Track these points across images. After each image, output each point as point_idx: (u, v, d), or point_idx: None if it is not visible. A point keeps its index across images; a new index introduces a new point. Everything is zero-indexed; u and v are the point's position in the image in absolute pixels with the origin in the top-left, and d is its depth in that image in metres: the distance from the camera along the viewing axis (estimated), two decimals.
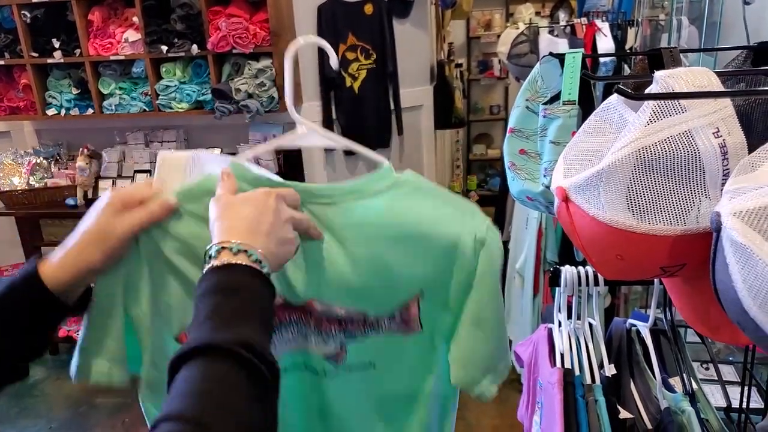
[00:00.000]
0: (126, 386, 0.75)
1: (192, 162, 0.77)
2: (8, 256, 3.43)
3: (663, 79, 0.57)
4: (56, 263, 0.66)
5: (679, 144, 0.55)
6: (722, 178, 0.55)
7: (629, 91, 0.53)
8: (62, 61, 2.89)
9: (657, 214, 0.56)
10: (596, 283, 1.00)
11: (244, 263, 0.57)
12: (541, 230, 2.28)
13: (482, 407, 2.67)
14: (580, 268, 1.02)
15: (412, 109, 3.43)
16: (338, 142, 0.75)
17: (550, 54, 0.93)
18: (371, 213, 0.71)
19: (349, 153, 3.26)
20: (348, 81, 3.14)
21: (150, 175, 3.08)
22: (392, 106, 3.30)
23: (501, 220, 2.88)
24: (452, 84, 3.93)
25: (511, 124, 0.99)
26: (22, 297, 0.64)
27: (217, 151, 3.16)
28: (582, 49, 0.89)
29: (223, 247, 0.58)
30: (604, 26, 2.05)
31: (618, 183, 0.58)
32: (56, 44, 2.87)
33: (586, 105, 0.90)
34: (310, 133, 0.74)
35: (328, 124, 3.15)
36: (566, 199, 0.62)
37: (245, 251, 0.58)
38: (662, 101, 0.56)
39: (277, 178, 0.75)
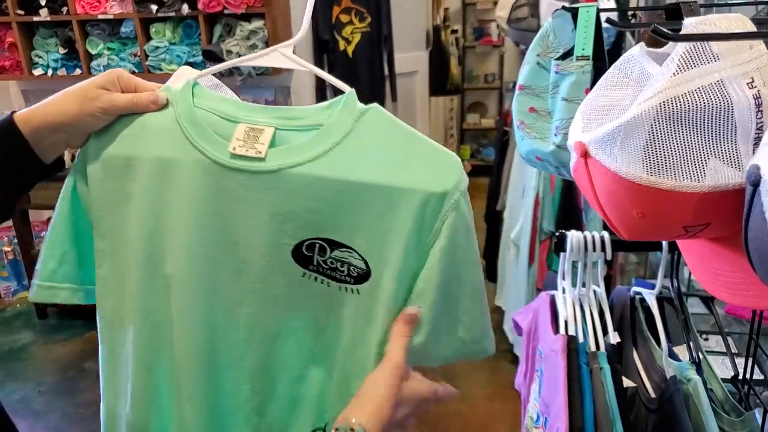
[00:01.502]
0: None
1: (204, 80, 0.75)
2: None
3: (694, 26, 0.53)
4: (32, 108, 0.67)
5: (710, 95, 0.51)
6: (755, 131, 0.51)
7: (666, 30, 0.49)
8: (48, 19, 2.79)
9: (683, 170, 0.53)
10: (602, 249, 0.98)
11: None
12: (538, 199, 2.25)
13: (474, 378, 2.68)
14: (587, 233, 0.99)
15: (407, 75, 3.37)
16: (300, 64, 0.70)
17: (563, 8, 0.89)
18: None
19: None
20: (342, 44, 3.06)
21: None
22: (386, 72, 3.24)
23: (496, 189, 2.85)
24: (448, 50, 3.86)
25: (520, 81, 0.95)
26: None
27: None
28: (597, 3, 0.85)
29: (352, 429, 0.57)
30: None
31: (642, 136, 0.54)
32: (42, 2, 2.76)
33: (598, 61, 0.86)
34: (274, 55, 0.70)
35: (320, 88, 3.08)
36: (585, 155, 0.59)
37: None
38: (692, 49, 0.53)
39: (239, 101, 0.72)
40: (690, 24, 0.54)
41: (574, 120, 0.63)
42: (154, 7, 2.69)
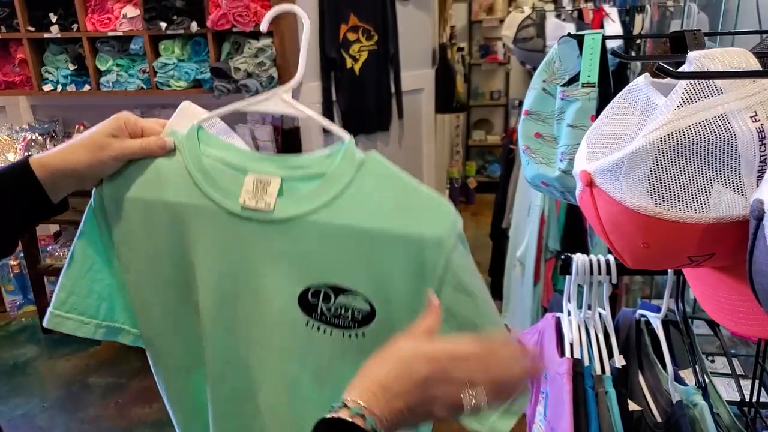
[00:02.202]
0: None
1: (211, 123, 0.78)
2: None
3: (698, 60, 0.54)
4: (46, 154, 0.70)
5: (714, 128, 0.52)
6: (759, 164, 0.52)
7: (671, 69, 0.50)
8: (59, 35, 2.83)
9: (688, 201, 0.54)
10: (608, 272, 0.98)
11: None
12: (544, 218, 2.26)
13: None
14: (592, 256, 0.99)
15: (413, 93, 3.39)
16: (299, 110, 0.73)
17: (569, 34, 0.90)
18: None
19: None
20: (349, 62, 3.09)
21: None
22: (393, 89, 3.26)
23: (502, 207, 2.86)
24: (454, 68, 3.88)
25: (526, 106, 0.96)
26: (10, 178, 0.69)
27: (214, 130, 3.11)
28: (602, 31, 0.86)
29: (345, 405, 0.52)
30: (613, 11, 2.02)
31: (647, 167, 0.55)
32: (53, 18, 2.80)
33: (604, 88, 0.87)
34: (274, 99, 0.73)
35: (327, 105, 3.11)
36: (590, 184, 0.60)
37: (363, 416, 0.52)
38: (696, 83, 0.54)
39: (246, 148, 0.76)
40: (693, 58, 0.55)
41: (580, 148, 0.64)
42: (163, 25, 2.72)
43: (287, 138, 3.06)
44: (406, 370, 0.55)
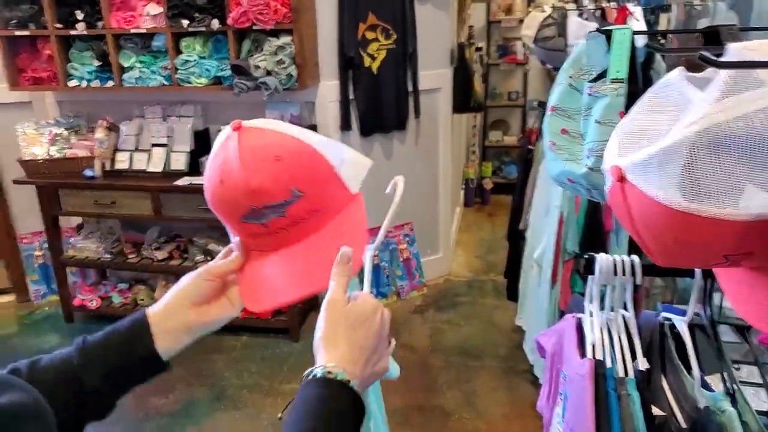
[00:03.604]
0: None
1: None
2: (28, 224, 3.46)
3: (738, 51, 0.53)
4: (162, 312, 0.73)
5: (755, 121, 0.51)
6: None
7: (714, 58, 0.49)
8: (85, 32, 2.87)
9: (726, 197, 0.52)
10: (632, 273, 0.96)
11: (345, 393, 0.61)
12: (562, 219, 2.23)
13: (493, 396, 2.65)
14: (615, 256, 0.97)
15: (431, 92, 3.38)
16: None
17: (597, 30, 0.88)
18: None
19: (364, 134, 3.22)
20: (367, 61, 3.09)
21: (167, 148, 3.06)
22: (410, 88, 3.25)
23: (519, 207, 2.83)
24: (472, 67, 3.86)
25: (551, 102, 0.95)
26: (126, 330, 0.71)
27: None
28: (631, 26, 0.84)
29: (329, 372, 0.61)
30: (637, 10, 1.98)
31: (684, 162, 0.53)
32: (79, 16, 2.84)
33: (631, 84, 0.85)
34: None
35: (345, 104, 3.11)
36: (622, 179, 0.58)
37: (348, 381, 0.61)
38: (736, 75, 0.52)
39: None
40: (734, 50, 0.53)
41: (610, 143, 0.63)
42: (185, 22, 2.75)
43: None
44: (368, 330, 0.65)
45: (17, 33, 2.92)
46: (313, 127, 3.09)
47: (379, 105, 3.19)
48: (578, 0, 3.27)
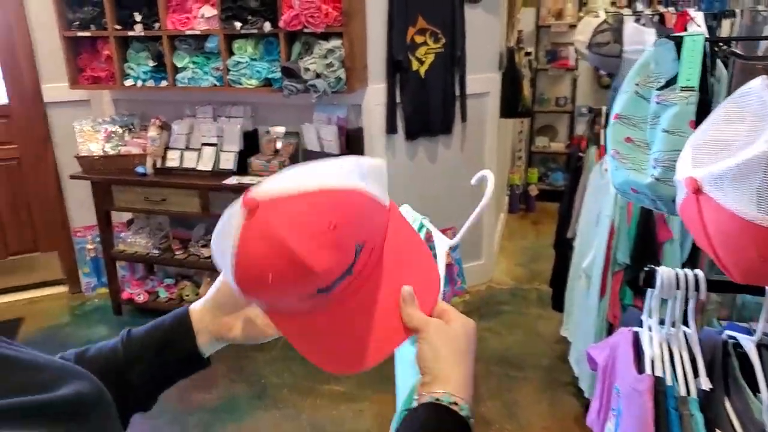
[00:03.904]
0: None
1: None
2: (82, 218, 3.58)
3: None
4: (206, 310, 0.73)
5: None
6: None
7: None
8: (142, 34, 2.96)
9: None
10: (696, 288, 0.93)
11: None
12: (614, 229, 2.17)
13: (535, 408, 2.60)
14: (678, 269, 0.94)
15: (478, 96, 3.35)
16: None
17: (667, 36, 0.85)
18: None
19: (409, 137, 3.21)
20: (415, 65, 3.09)
21: (216, 147, 3.13)
22: (458, 92, 3.23)
23: (567, 216, 2.77)
24: (521, 72, 3.81)
25: (616, 110, 0.92)
26: (169, 326, 0.72)
27: (282, 129, 3.18)
28: (704, 33, 0.81)
29: (455, 403, 0.58)
30: (698, 16, 1.92)
31: (763, 176, 0.51)
32: (138, 18, 2.94)
33: (701, 93, 0.82)
34: None
35: (391, 107, 3.11)
36: (698, 191, 0.56)
37: (469, 417, 0.59)
38: None
39: None
40: None
41: (683, 154, 0.61)
42: (238, 24, 2.80)
43: (351, 138, 3.09)
44: (458, 349, 0.62)
45: (79, 34, 3.04)
46: (360, 131, 3.11)
47: (425, 109, 3.18)
48: (633, 5, 3.19)
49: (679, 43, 0.84)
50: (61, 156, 3.50)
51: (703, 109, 0.62)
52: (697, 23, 1.95)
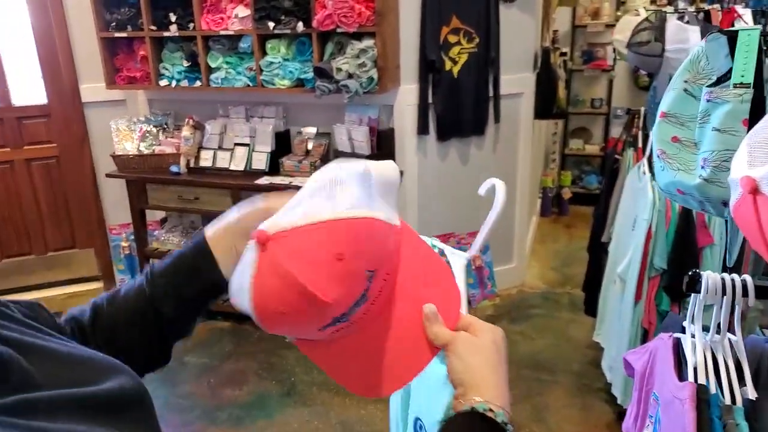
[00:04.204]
0: None
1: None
2: (117, 216, 3.66)
3: None
4: (219, 227, 0.74)
5: None
6: None
7: None
8: (177, 34, 3.01)
9: None
10: (744, 294, 0.89)
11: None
12: (651, 233, 2.11)
13: (565, 413, 2.55)
14: (725, 274, 0.90)
15: (512, 97, 3.31)
16: None
17: (720, 31, 0.82)
18: None
19: (441, 138, 3.19)
20: (448, 64, 3.06)
21: (249, 148, 3.16)
22: (491, 93, 3.20)
23: (602, 219, 2.71)
24: (557, 72, 3.75)
25: (663, 108, 0.88)
26: (191, 257, 0.72)
27: (313, 129, 3.19)
28: (760, 27, 0.77)
29: (490, 410, 0.59)
30: (746, 13, 1.85)
31: None
32: (173, 18, 2.99)
33: (755, 90, 0.78)
34: None
35: (423, 107, 3.09)
36: (755, 191, 0.53)
37: (506, 423, 0.59)
38: None
39: None
40: None
41: (738, 152, 0.58)
42: (271, 24, 2.82)
43: (382, 139, 3.08)
44: (488, 358, 0.63)
45: (116, 35, 3.11)
46: (391, 131, 3.10)
47: (458, 109, 3.15)
48: (674, 3, 3.11)
49: (732, 37, 0.80)
50: (98, 155, 3.58)
51: (757, 107, 0.59)
52: (745, 21, 1.88)
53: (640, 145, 2.44)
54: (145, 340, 0.71)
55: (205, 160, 3.22)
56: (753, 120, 0.74)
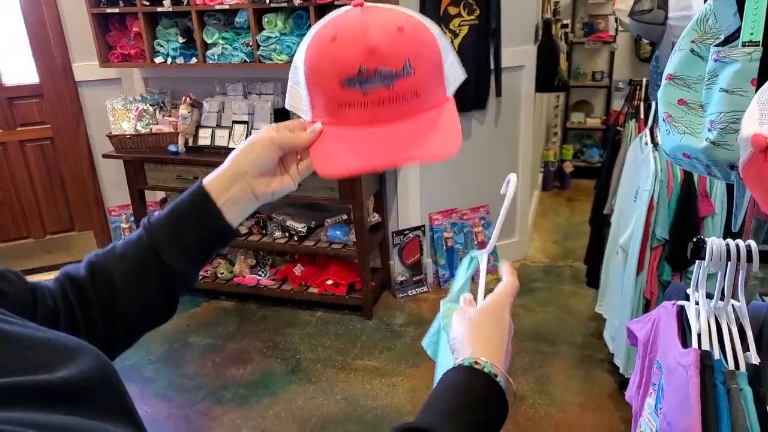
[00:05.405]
0: None
1: None
2: (116, 197, 3.64)
3: None
4: (216, 175, 0.74)
5: None
6: None
7: None
8: (171, 9, 2.95)
9: None
10: (749, 260, 0.88)
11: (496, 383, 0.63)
12: (653, 204, 2.10)
13: (568, 384, 2.57)
14: (729, 240, 0.89)
15: (513, 70, 3.27)
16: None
17: None
18: None
19: None
20: (448, 37, 3.02)
21: (248, 125, 3.13)
22: (492, 66, 3.15)
23: (604, 191, 2.70)
24: (558, 44, 3.70)
25: (669, 70, 0.86)
26: (189, 204, 0.71)
27: None
28: None
29: (476, 363, 0.63)
30: None
31: None
32: None
33: (765, 48, 0.76)
34: None
35: None
36: (766, 150, 0.52)
37: (495, 375, 0.63)
38: None
39: None
40: None
41: (749, 110, 0.56)
42: None
43: None
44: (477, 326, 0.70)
45: (108, 10, 3.04)
46: None
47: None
48: None
49: None
50: (94, 135, 3.55)
51: (767, 66, 0.57)
52: None
53: (642, 116, 2.42)
54: (150, 291, 0.69)
55: (204, 138, 3.19)
56: (762, 79, 0.73)
